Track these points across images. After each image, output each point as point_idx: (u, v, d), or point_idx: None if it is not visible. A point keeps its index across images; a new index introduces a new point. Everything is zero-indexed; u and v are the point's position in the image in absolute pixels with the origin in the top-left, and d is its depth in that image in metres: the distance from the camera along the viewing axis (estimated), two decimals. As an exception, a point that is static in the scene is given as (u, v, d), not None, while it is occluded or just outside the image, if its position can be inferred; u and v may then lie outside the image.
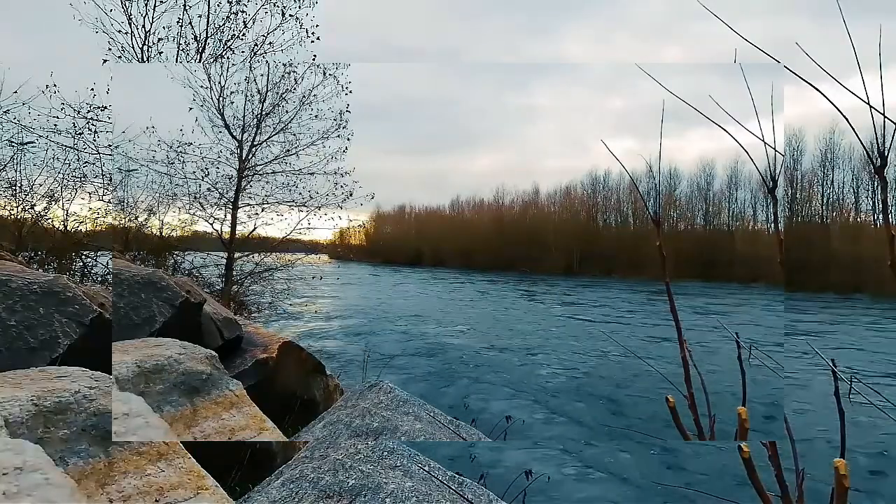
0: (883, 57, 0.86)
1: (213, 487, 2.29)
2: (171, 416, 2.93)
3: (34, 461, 1.73)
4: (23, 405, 2.06)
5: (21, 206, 7.64)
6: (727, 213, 49.62)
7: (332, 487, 2.33)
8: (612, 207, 54.70)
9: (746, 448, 0.91)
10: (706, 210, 50.01)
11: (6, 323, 2.92)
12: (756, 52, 0.93)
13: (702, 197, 50.20)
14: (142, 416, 2.45)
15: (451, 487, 2.39)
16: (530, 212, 57.70)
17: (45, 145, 7.94)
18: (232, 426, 3.18)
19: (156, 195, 9.83)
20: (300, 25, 9.39)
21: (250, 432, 3.21)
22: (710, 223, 49.41)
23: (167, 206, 10.04)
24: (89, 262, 8.13)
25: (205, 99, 9.92)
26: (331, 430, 3.42)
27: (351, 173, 10.71)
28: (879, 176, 0.84)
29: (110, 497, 2.07)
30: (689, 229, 48.64)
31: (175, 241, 10.12)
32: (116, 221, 8.85)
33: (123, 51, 8.44)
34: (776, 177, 0.93)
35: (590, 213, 54.78)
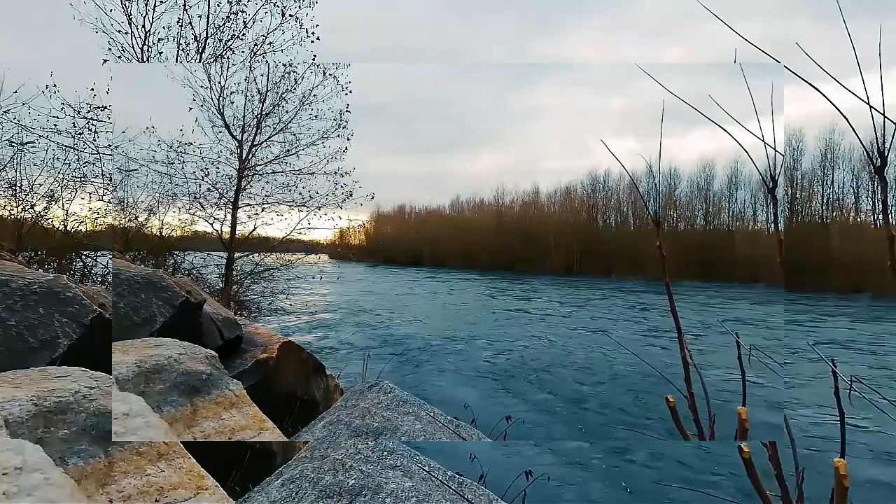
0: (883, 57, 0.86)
1: (213, 487, 2.29)
2: (171, 416, 2.94)
3: (34, 461, 1.73)
4: (23, 405, 2.06)
5: (21, 206, 7.64)
6: (727, 213, 49.67)
7: (332, 487, 2.33)
8: (612, 207, 54.80)
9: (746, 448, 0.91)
10: (706, 210, 50.06)
11: (6, 323, 2.92)
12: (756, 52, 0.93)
13: (702, 197, 50.27)
14: (142, 416, 2.45)
15: (451, 487, 2.39)
16: (530, 212, 57.83)
17: (45, 145, 7.96)
18: (232, 426, 3.18)
19: (156, 195, 9.85)
20: (300, 25, 9.42)
21: (250, 432, 3.21)
22: (710, 223, 49.45)
23: (167, 206, 10.06)
24: (89, 262, 8.13)
25: (205, 99, 9.94)
26: (331, 430, 3.43)
27: (351, 173, 10.75)
28: (879, 176, 0.84)
29: (110, 497, 2.07)
30: (689, 229, 48.68)
31: (175, 241, 10.13)
32: (116, 221, 8.86)
33: (123, 51, 8.44)
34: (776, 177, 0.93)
35: (590, 213, 54.85)
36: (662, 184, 46.45)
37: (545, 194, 58.95)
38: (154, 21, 8.52)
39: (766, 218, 44.78)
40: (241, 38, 9.18)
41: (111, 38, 8.31)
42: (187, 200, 10.12)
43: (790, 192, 43.38)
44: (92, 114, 8.21)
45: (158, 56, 8.71)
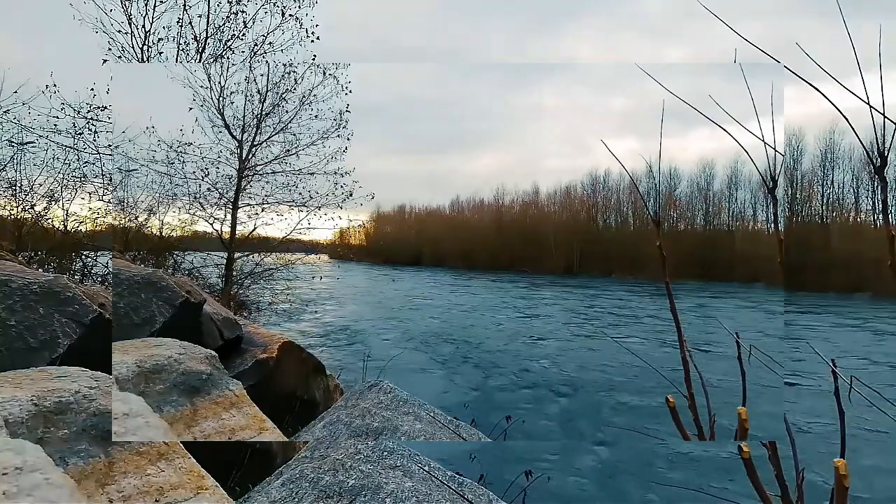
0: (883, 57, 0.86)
1: (213, 487, 2.29)
2: (172, 416, 2.93)
3: (34, 461, 1.73)
4: (23, 405, 2.06)
5: (21, 206, 7.64)
6: (727, 213, 49.71)
7: (332, 487, 2.33)
8: (612, 207, 54.86)
9: (746, 448, 0.91)
10: (706, 210, 50.08)
11: (6, 323, 2.92)
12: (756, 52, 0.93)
13: (702, 197, 50.31)
14: (142, 416, 2.45)
15: (451, 487, 2.39)
16: (530, 212, 57.92)
17: (45, 145, 7.97)
18: (232, 426, 3.18)
19: (156, 195, 9.90)
20: (300, 25, 9.46)
21: (250, 432, 3.20)
22: (711, 223, 49.46)
23: (167, 206, 10.10)
24: (89, 262, 8.13)
25: (205, 99, 9.98)
26: (331, 429, 3.42)
27: (351, 173, 10.80)
28: (879, 176, 0.84)
29: (110, 497, 2.07)
30: (689, 229, 48.70)
31: (175, 242, 10.16)
32: (116, 221, 8.88)
33: (123, 51, 8.45)
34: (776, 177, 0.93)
35: (590, 213, 54.93)
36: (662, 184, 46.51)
37: (545, 194, 59.04)
38: (154, 21, 8.54)
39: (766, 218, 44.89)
40: (241, 38, 9.23)
41: (111, 38, 8.33)
42: (187, 200, 10.18)
43: (790, 192, 43.42)
44: (92, 114, 8.22)
45: (158, 56, 8.72)
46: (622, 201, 53.58)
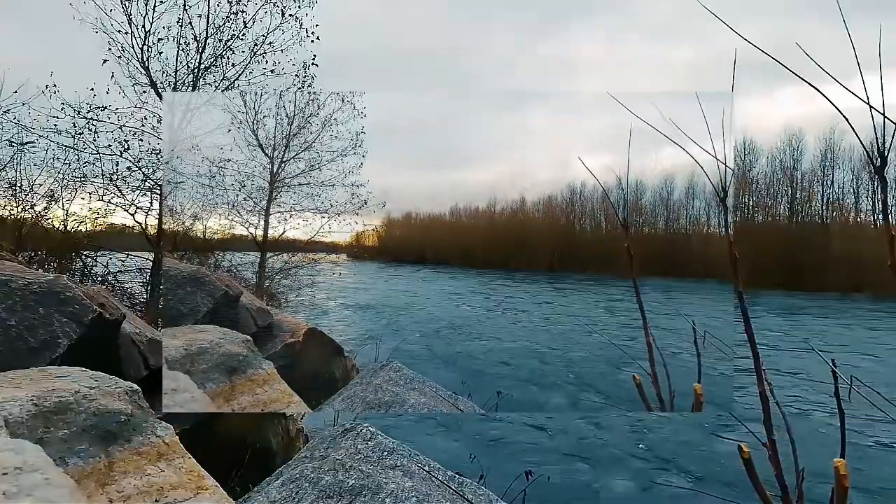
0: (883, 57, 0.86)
1: (213, 487, 2.29)
2: (214, 392, 3.50)
3: (34, 461, 1.73)
4: (23, 405, 2.06)
5: (21, 206, 7.64)
6: (685, 219, 53.85)
7: (332, 487, 2.33)
8: (588, 214, 60.80)
9: (746, 448, 0.92)
10: (667, 216, 54.50)
11: (6, 323, 2.91)
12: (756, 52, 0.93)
13: (663, 205, 54.87)
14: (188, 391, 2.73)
15: (451, 487, 2.39)
16: (518, 218, 63.74)
17: (45, 145, 7.97)
18: (265, 400, 3.76)
19: (200, 203, 11.64)
20: (300, 25, 9.58)
21: (280, 405, 3.83)
22: (671, 227, 53.83)
23: (210, 212, 11.94)
24: (89, 262, 8.14)
25: (241, 122, 11.79)
26: (348, 402, 4.16)
27: (365, 185, 12.65)
28: (879, 176, 0.84)
29: (110, 497, 2.07)
30: (652, 233, 53.32)
31: (216, 243, 12.21)
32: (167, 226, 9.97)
33: (123, 51, 8.45)
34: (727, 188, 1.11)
35: (568, 219, 61.01)
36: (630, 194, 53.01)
37: (531, 203, 64.77)
38: (154, 21, 8.55)
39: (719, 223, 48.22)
40: (241, 38, 9.31)
41: (111, 38, 8.33)
42: (227, 208, 12.09)
43: (790, 192, 43.92)
44: (92, 114, 8.24)
45: (158, 56, 8.75)
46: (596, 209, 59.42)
